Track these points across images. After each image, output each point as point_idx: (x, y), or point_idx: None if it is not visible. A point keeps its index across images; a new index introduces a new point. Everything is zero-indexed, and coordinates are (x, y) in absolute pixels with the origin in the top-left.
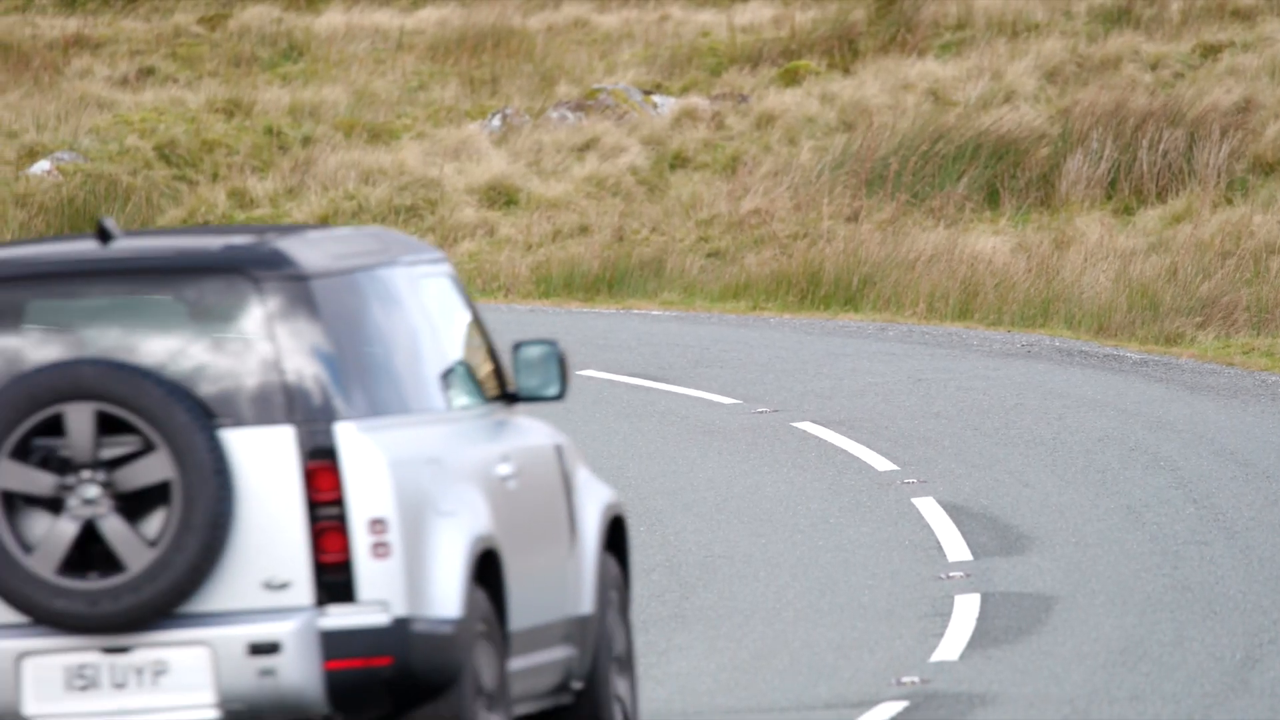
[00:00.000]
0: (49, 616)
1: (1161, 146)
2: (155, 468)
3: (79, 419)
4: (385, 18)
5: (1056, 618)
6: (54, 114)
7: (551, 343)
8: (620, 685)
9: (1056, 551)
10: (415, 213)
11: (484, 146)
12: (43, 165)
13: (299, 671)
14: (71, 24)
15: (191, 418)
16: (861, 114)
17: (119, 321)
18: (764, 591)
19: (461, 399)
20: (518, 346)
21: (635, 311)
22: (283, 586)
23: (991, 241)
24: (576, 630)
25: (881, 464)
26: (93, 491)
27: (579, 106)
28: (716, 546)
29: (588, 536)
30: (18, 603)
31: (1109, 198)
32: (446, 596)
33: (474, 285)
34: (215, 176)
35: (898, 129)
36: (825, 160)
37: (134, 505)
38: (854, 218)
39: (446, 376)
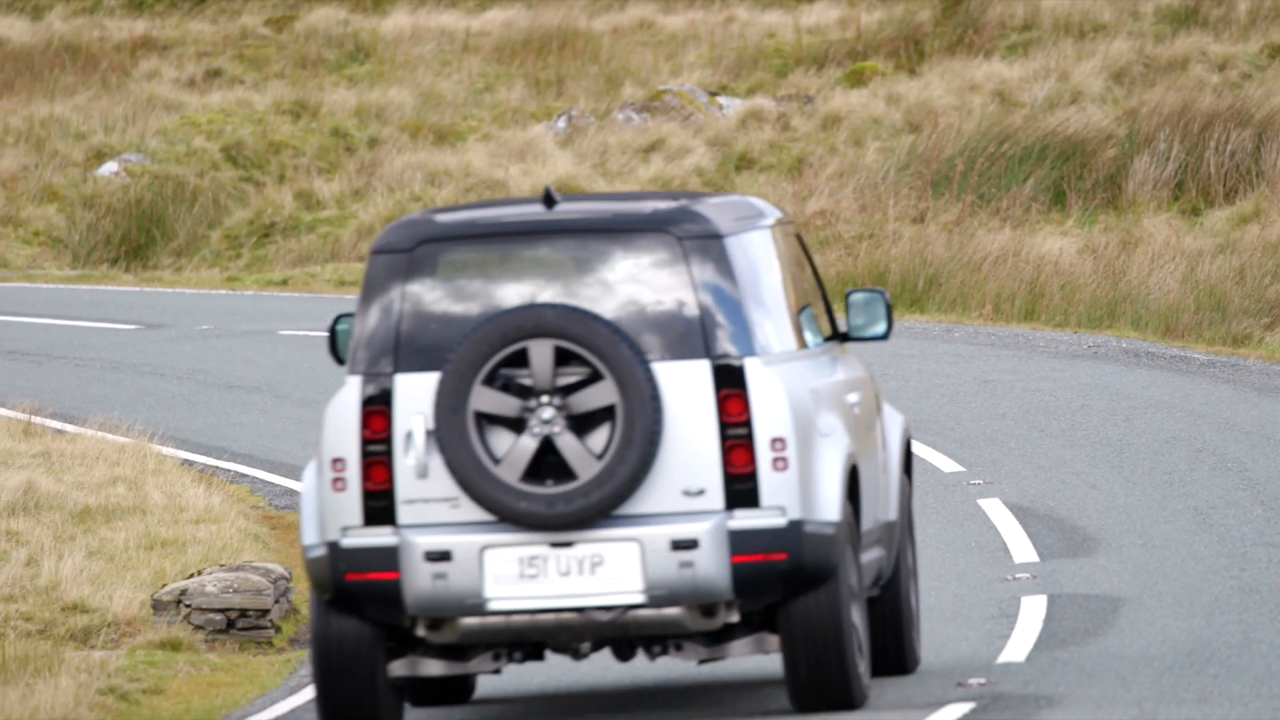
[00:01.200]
0: (513, 516)
1: (1229, 147)
2: (602, 394)
3: (540, 353)
4: (451, 19)
5: (1123, 619)
6: (122, 116)
7: (880, 290)
8: (911, 589)
9: (1123, 553)
10: None
11: (549, 148)
12: (110, 167)
13: (711, 564)
14: (139, 26)
15: (633, 353)
16: (927, 115)
17: (565, 271)
18: None
19: (815, 338)
20: (849, 293)
21: None
22: (699, 493)
23: (1058, 243)
24: (886, 535)
25: (948, 465)
26: (549, 413)
27: (644, 108)
28: None
29: (893, 453)
30: (488, 505)
31: (1176, 199)
32: (829, 503)
33: None
34: (281, 178)
35: (964, 130)
36: (891, 161)
37: (583, 425)
38: (920, 219)
39: (805, 318)
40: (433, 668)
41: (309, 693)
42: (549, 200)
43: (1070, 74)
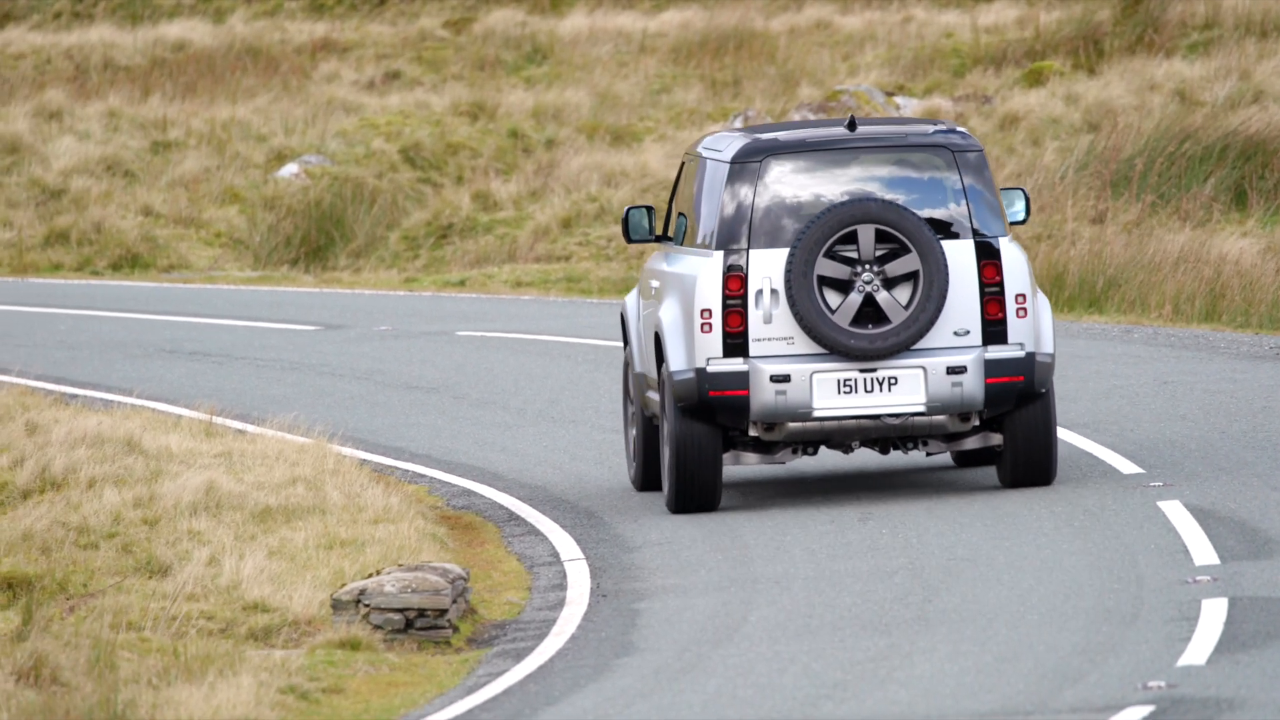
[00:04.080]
0: (843, 350)
1: None
2: (908, 263)
3: (865, 234)
4: (628, 20)
5: None
6: (301, 118)
7: (1020, 188)
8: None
9: None
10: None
11: None
12: (290, 168)
13: (973, 384)
14: (319, 28)
15: (931, 233)
16: (1106, 115)
17: (868, 175)
18: (1008, 595)
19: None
20: (1002, 190)
21: None
22: (965, 333)
23: (1239, 243)
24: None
25: (1127, 467)
26: (870, 277)
27: (821, 108)
28: (960, 549)
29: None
30: (826, 343)
31: None
32: (1048, 341)
33: None
34: (459, 179)
35: (1143, 130)
36: (1069, 161)
37: (893, 285)
38: (1099, 219)
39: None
40: (750, 459)
41: (487, 693)
42: (852, 125)
43: (1252, 73)
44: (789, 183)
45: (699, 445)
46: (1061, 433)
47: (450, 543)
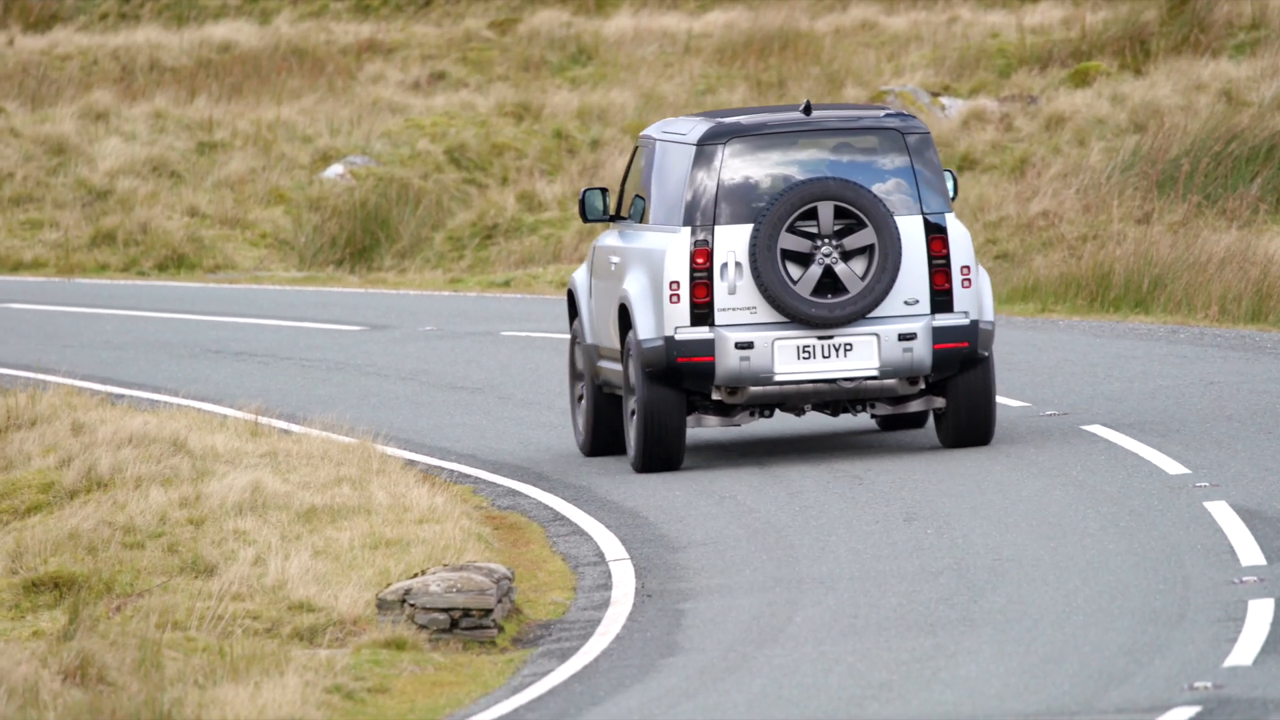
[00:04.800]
0: (804, 319)
1: None
2: (865, 237)
3: (825, 210)
4: (673, 21)
5: None
6: (347, 119)
7: (949, 169)
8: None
9: None
10: None
11: None
12: (336, 169)
13: (922, 350)
14: (365, 29)
15: (886, 209)
16: (1153, 115)
17: (824, 157)
18: (1053, 595)
19: None
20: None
21: None
22: (914, 303)
23: None
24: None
25: (1173, 467)
26: (829, 250)
27: None
28: (1005, 550)
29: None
30: (788, 312)
31: None
32: (989, 309)
33: None
34: (504, 180)
35: (1189, 130)
36: (1115, 162)
37: (851, 257)
38: (1145, 219)
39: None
40: (710, 421)
41: (532, 693)
42: (808, 109)
43: None
44: (751, 163)
45: (665, 409)
46: (1107, 433)
47: (495, 543)
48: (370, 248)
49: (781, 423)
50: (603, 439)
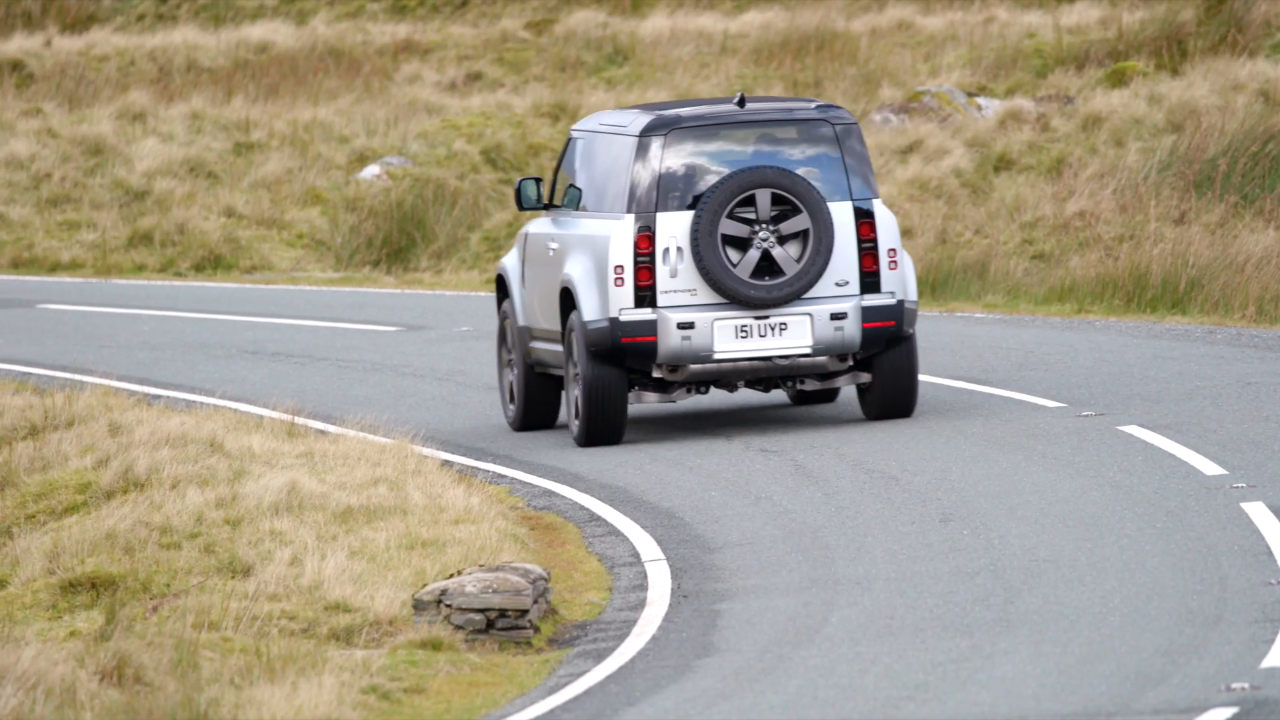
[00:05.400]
0: (744, 300)
1: None
2: (800, 222)
3: (763, 197)
4: (709, 21)
5: None
6: (383, 119)
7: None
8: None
9: None
10: None
11: None
12: (372, 170)
13: (852, 328)
14: (401, 30)
15: (819, 195)
16: (1190, 115)
17: (758, 147)
18: (1090, 596)
19: None
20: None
21: (958, 314)
22: (845, 284)
23: None
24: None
25: (1210, 468)
26: (766, 235)
27: (902, 109)
28: (1041, 550)
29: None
30: (728, 294)
31: None
32: (913, 289)
33: None
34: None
35: (1227, 130)
36: (1152, 162)
37: (786, 241)
38: (1181, 220)
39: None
40: (649, 398)
41: (568, 693)
42: (742, 102)
43: None
44: (690, 154)
45: (607, 386)
46: (1144, 433)
47: (531, 543)
48: (406, 248)
49: (715, 399)
50: (533, 415)
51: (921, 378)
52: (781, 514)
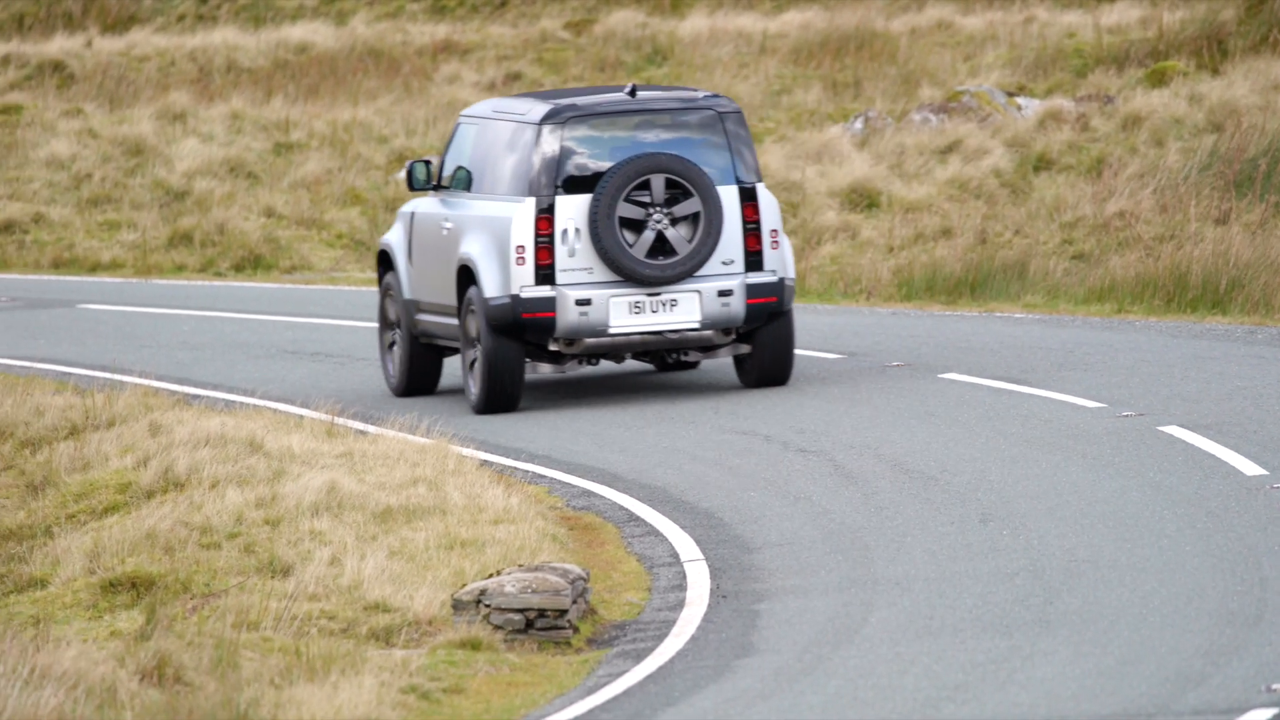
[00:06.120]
0: (640, 278)
1: None
2: (692, 205)
3: (658, 181)
4: (749, 21)
5: None
6: (423, 119)
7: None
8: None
9: None
10: None
11: (846, 149)
12: None
13: (738, 304)
14: (440, 30)
15: (710, 180)
16: (1230, 115)
17: (649, 133)
18: (1129, 596)
19: None
20: None
21: (998, 314)
22: (731, 263)
23: None
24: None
25: (1250, 468)
26: (661, 217)
27: (941, 109)
28: (1081, 551)
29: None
30: (625, 273)
31: None
32: (791, 268)
33: (835, 288)
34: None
35: (1267, 129)
36: (1192, 162)
37: (679, 223)
38: (1222, 219)
39: None
40: (544, 369)
41: (607, 693)
42: (633, 91)
43: None
44: (587, 140)
45: (506, 358)
46: (1184, 434)
47: (570, 543)
48: None
49: (603, 367)
50: (415, 382)
51: (960, 378)
52: (820, 514)
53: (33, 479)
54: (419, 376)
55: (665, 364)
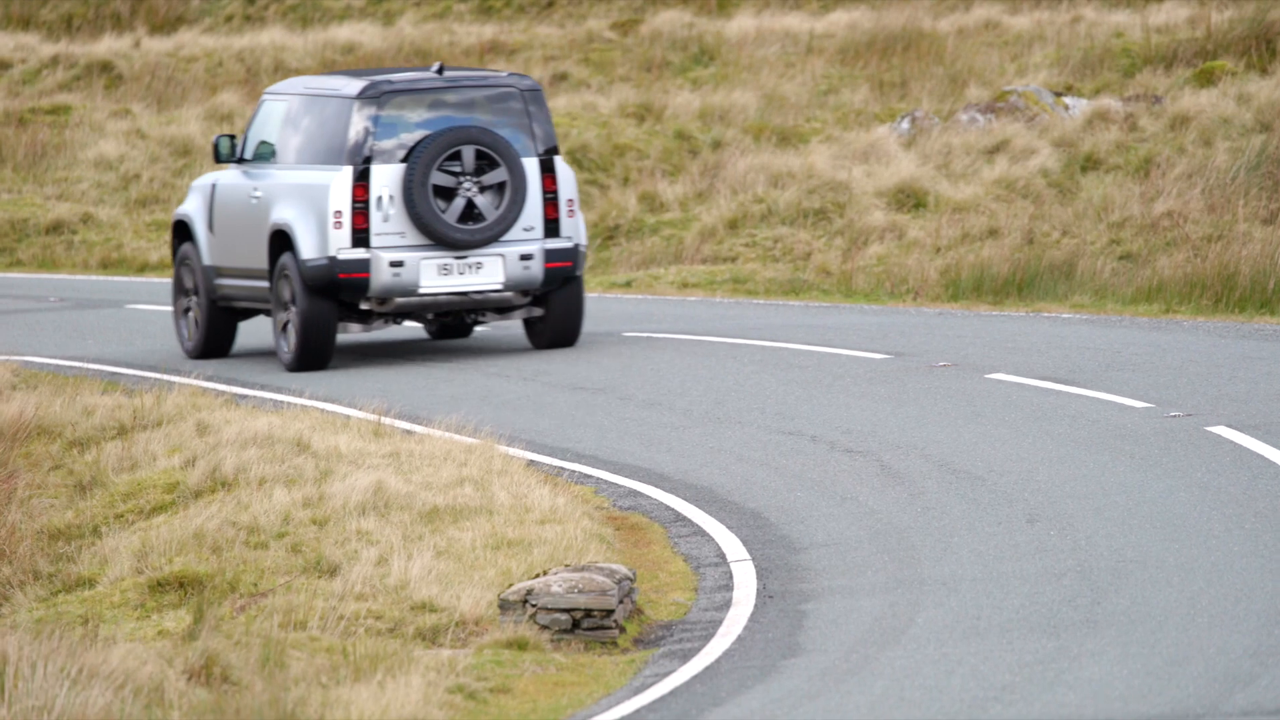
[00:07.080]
0: (451, 242)
1: None
2: (499, 175)
3: (468, 152)
4: (795, 21)
5: None
6: None
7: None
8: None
9: None
10: (824, 216)
11: (893, 149)
12: None
13: (538, 268)
14: (488, 30)
15: (515, 152)
16: (1279, 115)
17: (458, 109)
18: (1177, 597)
19: None
20: None
21: (1045, 315)
22: (531, 229)
23: None
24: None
25: None
26: (470, 185)
27: (989, 108)
28: (1128, 551)
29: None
30: (437, 237)
31: None
32: (583, 235)
33: (882, 288)
34: (626, 180)
35: None
36: (1241, 162)
37: (487, 191)
38: (1270, 219)
39: None
40: (354, 328)
41: (653, 693)
42: (440, 70)
43: None
44: (400, 114)
45: (321, 318)
46: (1232, 434)
47: (616, 543)
48: None
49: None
50: (212, 344)
51: (1007, 378)
52: (867, 514)
53: (81, 479)
54: (215, 339)
55: (445, 329)
